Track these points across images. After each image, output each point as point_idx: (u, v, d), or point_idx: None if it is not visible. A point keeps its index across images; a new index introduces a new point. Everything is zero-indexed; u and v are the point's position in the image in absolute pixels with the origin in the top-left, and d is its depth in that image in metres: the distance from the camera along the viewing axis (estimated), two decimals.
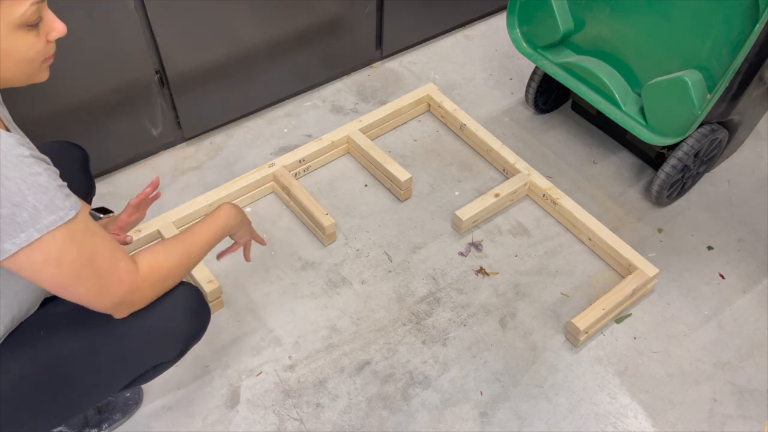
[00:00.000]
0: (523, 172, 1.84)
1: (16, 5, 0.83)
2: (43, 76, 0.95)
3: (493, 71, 2.25)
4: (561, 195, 1.79)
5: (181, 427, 1.41)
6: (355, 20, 2.05)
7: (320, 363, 1.51)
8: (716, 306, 1.66)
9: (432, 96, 2.04)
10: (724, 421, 1.46)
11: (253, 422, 1.42)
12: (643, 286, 1.63)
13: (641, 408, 1.47)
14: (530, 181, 1.83)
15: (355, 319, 1.59)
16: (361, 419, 1.43)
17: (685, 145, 1.69)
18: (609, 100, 1.72)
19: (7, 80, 0.90)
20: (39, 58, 0.91)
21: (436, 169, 1.93)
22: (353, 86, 2.18)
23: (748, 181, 1.95)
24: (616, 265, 1.70)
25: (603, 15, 1.67)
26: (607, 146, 2.02)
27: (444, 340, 1.56)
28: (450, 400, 1.46)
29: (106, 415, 1.39)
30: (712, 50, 1.49)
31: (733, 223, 1.84)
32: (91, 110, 1.66)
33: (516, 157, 1.87)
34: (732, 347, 1.58)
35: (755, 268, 1.74)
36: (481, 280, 1.68)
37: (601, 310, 1.54)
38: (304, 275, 1.67)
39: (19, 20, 0.85)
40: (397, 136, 2.03)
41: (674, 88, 1.53)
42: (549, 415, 1.45)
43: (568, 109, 2.12)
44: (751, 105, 1.69)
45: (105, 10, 1.51)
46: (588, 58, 1.75)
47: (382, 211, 1.82)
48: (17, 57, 0.88)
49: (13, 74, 0.90)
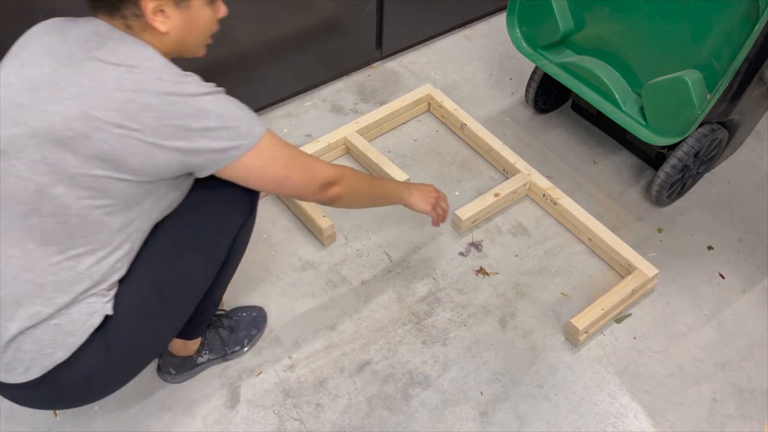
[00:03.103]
0: (523, 171, 1.84)
1: None
2: (202, 51, 1.12)
3: (493, 71, 2.25)
4: (561, 195, 1.79)
5: (180, 427, 1.41)
6: (355, 20, 2.05)
7: (320, 363, 1.51)
8: (716, 306, 1.66)
9: (432, 96, 2.04)
10: (724, 421, 1.46)
11: (253, 422, 1.42)
12: (643, 287, 1.63)
13: (641, 408, 1.47)
14: (530, 181, 1.83)
15: (355, 319, 1.59)
16: (361, 419, 1.43)
17: (685, 145, 1.69)
18: (609, 100, 1.72)
19: (185, 51, 1.07)
20: (210, 33, 1.10)
21: (436, 169, 1.93)
22: (353, 86, 2.18)
23: (748, 181, 1.95)
24: (615, 266, 1.70)
25: (603, 15, 1.67)
26: (607, 146, 2.02)
27: (444, 340, 1.56)
28: (450, 400, 1.46)
29: (243, 332, 1.50)
30: (712, 50, 1.49)
31: (733, 223, 1.84)
32: None
33: (516, 157, 1.87)
34: (732, 347, 1.58)
35: (755, 268, 1.74)
36: (481, 280, 1.68)
37: (600, 310, 1.54)
38: (304, 275, 1.67)
39: None
40: (397, 136, 2.03)
41: (674, 87, 1.53)
42: (549, 415, 1.45)
43: (568, 109, 2.12)
44: (751, 105, 1.69)
45: None
46: (588, 58, 1.75)
47: (382, 211, 1.82)
48: (201, 27, 1.06)
49: (192, 43, 1.07)
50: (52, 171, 0.96)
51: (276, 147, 1.08)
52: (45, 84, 0.96)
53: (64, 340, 1.03)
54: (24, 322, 1.01)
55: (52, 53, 0.98)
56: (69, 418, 1.40)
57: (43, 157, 0.95)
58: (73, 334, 1.03)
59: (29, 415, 1.40)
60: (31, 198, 0.97)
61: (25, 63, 0.99)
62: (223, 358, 1.49)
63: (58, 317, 1.02)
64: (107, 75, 0.95)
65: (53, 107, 0.94)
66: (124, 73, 0.95)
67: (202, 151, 1.00)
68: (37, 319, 1.01)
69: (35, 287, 1.00)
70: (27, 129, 0.95)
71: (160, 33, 1.01)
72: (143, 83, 0.95)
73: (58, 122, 0.94)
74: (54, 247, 1.00)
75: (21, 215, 0.98)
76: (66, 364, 1.04)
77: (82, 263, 1.02)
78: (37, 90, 0.96)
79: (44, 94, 0.95)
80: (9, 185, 0.97)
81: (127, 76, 0.95)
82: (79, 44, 0.97)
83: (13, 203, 0.98)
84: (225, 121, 1.00)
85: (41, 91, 0.95)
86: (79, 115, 0.94)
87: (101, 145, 0.95)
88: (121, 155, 0.96)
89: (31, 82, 0.97)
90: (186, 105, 0.97)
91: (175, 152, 0.99)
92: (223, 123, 1.00)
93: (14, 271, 1.00)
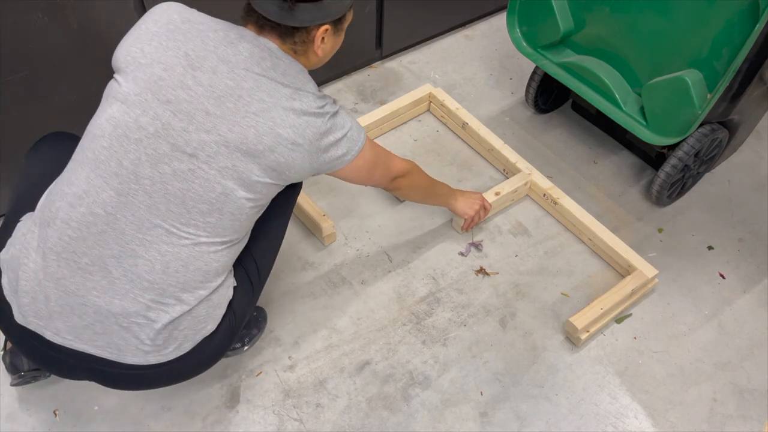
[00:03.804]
0: (524, 171, 1.84)
1: (351, 13, 1.16)
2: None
3: (493, 71, 2.25)
4: (561, 195, 1.79)
5: (181, 427, 1.41)
6: (355, 20, 2.04)
7: (320, 363, 1.51)
8: (716, 306, 1.66)
9: (434, 94, 2.04)
10: (724, 421, 1.46)
11: (253, 422, 1.42)
12: (643, 287, 1.63)
13: (641, 408, 1.47)
14: (531, 180, 1.83)
15: (355, 319, 1.59)
16: (361, 419, 1.43)
17: (686, 145, 1.69)
18: (609, 100, 1.71)
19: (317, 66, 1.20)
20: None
21: (436, 169, 1.93)
22: (353, 86, 2.18)
23: (748, 181, 1.95)
24: (615, 266, 1.70)
25: (603, 15, 1.67)
26: (608, 146, 2.02)
27: (444, 340, 1.56)
28: (450, 400, 1.46)
29: (245, 331, 1.52)
30: (712, 50, 1.49)
31: (733, 223, 1.84)
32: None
33: (517, 157, 1.87)
34: (732, 347, 1.58)
35: (755, 268, 1.74)
36: (481, 280, 1.68)
37: (599, 309, 1.54)
38: (304, 275, 1.67)
39: (347, 23, 1.17)
40: (397, 136, 2.03)
41: (674, 87, 1.53)
42: (549, 415, 1.45)
43: (568, 109, 2.12)
44: (751, 105, 1.69)
45: (106, 10, 1.51)
46: (588, 58, 1.75)
47: (382, 211, 1.82)
48: (335, 50, 1.21)
49: (323, 63, 1.20)
50: (239, 177, 1.06)
51: (370, 150, 1.25)
52: (229, 95, 1.04)
53: (213, 313, 1.15)
54: (186, 306, 1.10)
55: (227, 63, 1.05)
56: (69, 418, 1.40)
57: (233, 165, 1.05)
58: (220, 306, 1.17)
59: (29, 415, 1.40)
60: (217, 199, 1.07)
61: (197, 66, 1.04)
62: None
63: (212, 294, 1.14)
64: (282, 93, 1.07)
65: (243, 120, 1.04)
66: (293, 93, 1.08)
67: (331, 160, 1.17)
68: (198, 301, 1.12)
69: (202, 274, 1.11)
70: (218, 137, 1.04)
71: (316, 56, 1.15)
72: (306, 104, 1.09)
73: (251, 136, 1.04)
74: (220, 239, 1.11)
75: (202, 213, 1.07)
76: (210, 336, 1.16)
77: (233, 249, 1.16)
78: (222, 100, 1.04)
79: (231, 105, 1.04)
80: (195, 186, 1.05)
81: (295, 96, 1.08)
82: (255, 60, 1.06)
83: (197, 202, 1.06)
84: (344, 131, 1.16)
85: (227, 101, 1.04)
86: (267, 131, 1.05)
87: (279, 159, 1.08)
88: (287, 167, 1.10)
89: (213, 90, 1.04)
90: (331, 122, 1.13)
91: (318, 162, 1.14)
92: (344, 133, 1.16)
93: (185, 261, 1.08)
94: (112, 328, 1.08)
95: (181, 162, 1.03)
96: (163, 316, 1.09)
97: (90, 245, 1.05)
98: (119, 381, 1.14)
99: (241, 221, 1.12)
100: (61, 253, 1.05)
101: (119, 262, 1.06)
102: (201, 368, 1.22)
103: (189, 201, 1.05)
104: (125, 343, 1.09)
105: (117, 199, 1.04)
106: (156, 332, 1.08)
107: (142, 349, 1.09)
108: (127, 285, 1.06)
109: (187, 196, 1.05)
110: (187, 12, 1.10)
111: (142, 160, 1.03)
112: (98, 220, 1.04)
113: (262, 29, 1.09)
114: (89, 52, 1.56)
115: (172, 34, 1.05)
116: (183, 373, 1.20)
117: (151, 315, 1.08)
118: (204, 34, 1.06)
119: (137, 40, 1.07)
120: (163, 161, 1.03)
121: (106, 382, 1.15)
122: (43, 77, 1.51)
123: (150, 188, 1.04)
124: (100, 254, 1.05)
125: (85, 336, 1.08)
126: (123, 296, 1.06)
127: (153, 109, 1.02)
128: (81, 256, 1.05)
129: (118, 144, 1.03)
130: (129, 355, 1.09)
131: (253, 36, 1.08)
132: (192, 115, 1.03)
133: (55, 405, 1.42)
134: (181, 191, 1.04)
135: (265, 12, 1.06)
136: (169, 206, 1.05)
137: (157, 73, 1.03)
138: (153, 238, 1.05)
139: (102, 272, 1.06)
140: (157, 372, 1.13)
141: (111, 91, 1.07)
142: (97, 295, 1.06)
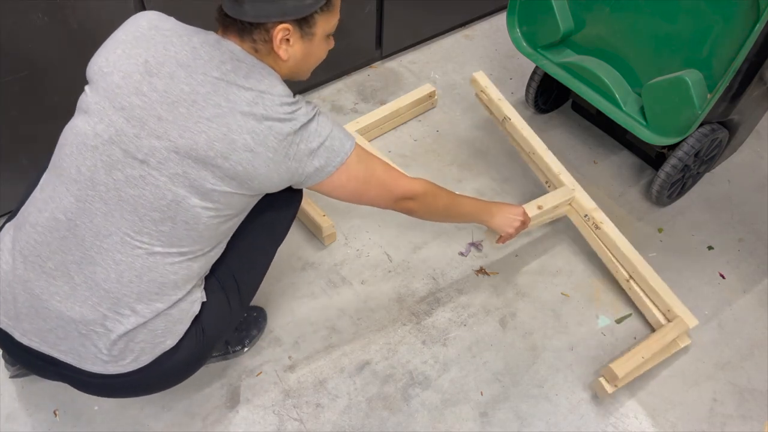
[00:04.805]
0: (567, 185, 1.66)
1: (333, 18, 1.11)
2: (308, 76, 1.19)
3: (493, 71, 2.25)
4: (605, 220, 1.62)
5: (181, 427, 1.41)
6: (355, 20, 2.05)
7: (320, 363, 1.51)
8: (716, 306, 1.66)
9: (476, 79, 1.88)
10: (724, 421, 1.46)
11: (253, 422, 1.42)
12: (681, 338, 1.53)
13: (641, 408, 1.47)
14: (574, 197, 1.66)
15: (355, 319, 1.59)
16: (361, 419, 1.43)
17: (686, 145, 1.69)
18: (609, 100, 1.71)
19: (295, 75, 1.15)
20: (320, 62, 1.17)
21: (436, 169, 1.93)
22: (353, 86, 2.18)
23: (748, 181, 1.95)
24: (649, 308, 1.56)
25: (603, 15, 1.67)
26: (608, 146, 2.02)
27: (444, 340, 1.56)
28: (450, 400, 1.46)
29: (245, 333, 1.52)
30: (712, 50, 1.49)
31: (733, 223, 1.84)
32: None
33: (560, 167, 1.70)
34: (732, 347, 1.58)
35: (755, 268, 1.74)
36: (481, 280, 1.68)
37: (641, 358, 1.44)
38: (304, 275, 1.67)
39: (330, 30, 1.11)
40: (397, 136, 2.03)
41: (674, 87, 1.53)
42: (549, 415, 1.45)
43: (568, 109, 2.12)
44: (751, 105, 1.69)
45: (106, 10, 1.51)
46: (588, 58, 1.75)
47: (382, 211, 1.82)
48: (315, 57, 1.14)
49: (303, 70, 1.15)
50: (191, 185, 1.03)
51: (358, 165, 1.16)
52: (183, 100, 1.01)
53: (173, 329, 1.11)
54: (141, 318, 1.07)
55: (185, 68, 1.02)
56: (69, 419, 1.40)
57: (183, 172, 1.02)
58: (181, 322, 1.12)
59: (29, 415, 1.41)
60: (168, 207, 1.03)
61: (154, 73, 1.02)
62: (223, 356, 1.49)
63: (171, 309, 1.10)
64: (241, 98, 1.02)
65: (195, 126, 1.00)
66: (255, 97, 1.03)
67: (306, 170, 1.10)
68: (154, 314, 1.08)
69: (157, 286, 1.07)
70: (169, 143, 1.01)
71: (281, 59, 1.08)
72: (270, 109, 1.03)
73: (202, 142, 1.00)
74: (176, 249, 1.07)
75: (154, 221, 1.04)
76: (171, 351, 1.12)
77: (196, 263, 1.11)
78: (175, 105, 1.01)
79: (183, 110, 1.00)
80: (146, 193, 1.02)
81: (258, 101, 1.02)
82: (215, 64, 1.03)
83: (148, 210, 1.03)
84: (321, 139, 1.09)
85: (180, 106, 1.01)
86: (220, 137, 1.01)
87: (236, 167, 1.03)
88: (248, 176, 1.05)
89: (167, 95, 1.01)
90: (303, 129, 1.06)
91: (287, 172, 1.08)
92: (320, 142, 1.09)
93: (138, 271, 1.05)
94: (73, 335, 1.07)
95: (133, 168, 1.02)
96: (119, 326, 1.06)
97: (54, 250, 1.05)
98: (87, 387, 1.13)
99: (199, 231, 1.07)
100: (28, 256, 1.06)
101: (80, 268, 1.05)
102: (168, 382, 1.20)
103: (141, 209, 1.03)
104: (85, 350, 1.07)
105: (76, 205, 1.04)
106: (112, 342, 1.07)
107: (101, 358, 1.08)
108: (87, 292, 1.06)
109: (138, 203, 1.03)
110: (159, 20, 1.08)
111: (98, 166, 1.02)
112: (60, 226, 1.04)
113: (226, 29, 1.06)
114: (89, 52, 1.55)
115: (137, 42, 1.04)
116: (146, 386, 1.18)
117: (108, 324, 1.06)
118: (168, 39, 1.04)
119: (105, 50, 1.07)
120: (116, 167, 1.02)
121: (77, 387, 1.14)
122: (43, 77, 1.51)
123: (105, 195, 1.03)
124: (63, 259, 1.05)
125: (49, 339, 1.08)
126: (82, 303, 1.06)
127: (108, 117, 1.02)
128: (45, 260, 1.05)
129: (77, 151, 1.03)
130: (89, 363, 1.08)
131: (216, 39, 1.05)
132: (144, 121, 1.01)
133: (55, 405, 1.42)
134: (133, 198, 1.03)
135: (224, 6, 1.04)
136: (123, 213, 1.03)
137: (115, 81, 1.02)
138: (109, 245, 1.04)
139: (65, 278, 1.05)
140: (119, 382, 1.11)
141: (80, 102, 1.07)
142: (59, 301, 1.06)
